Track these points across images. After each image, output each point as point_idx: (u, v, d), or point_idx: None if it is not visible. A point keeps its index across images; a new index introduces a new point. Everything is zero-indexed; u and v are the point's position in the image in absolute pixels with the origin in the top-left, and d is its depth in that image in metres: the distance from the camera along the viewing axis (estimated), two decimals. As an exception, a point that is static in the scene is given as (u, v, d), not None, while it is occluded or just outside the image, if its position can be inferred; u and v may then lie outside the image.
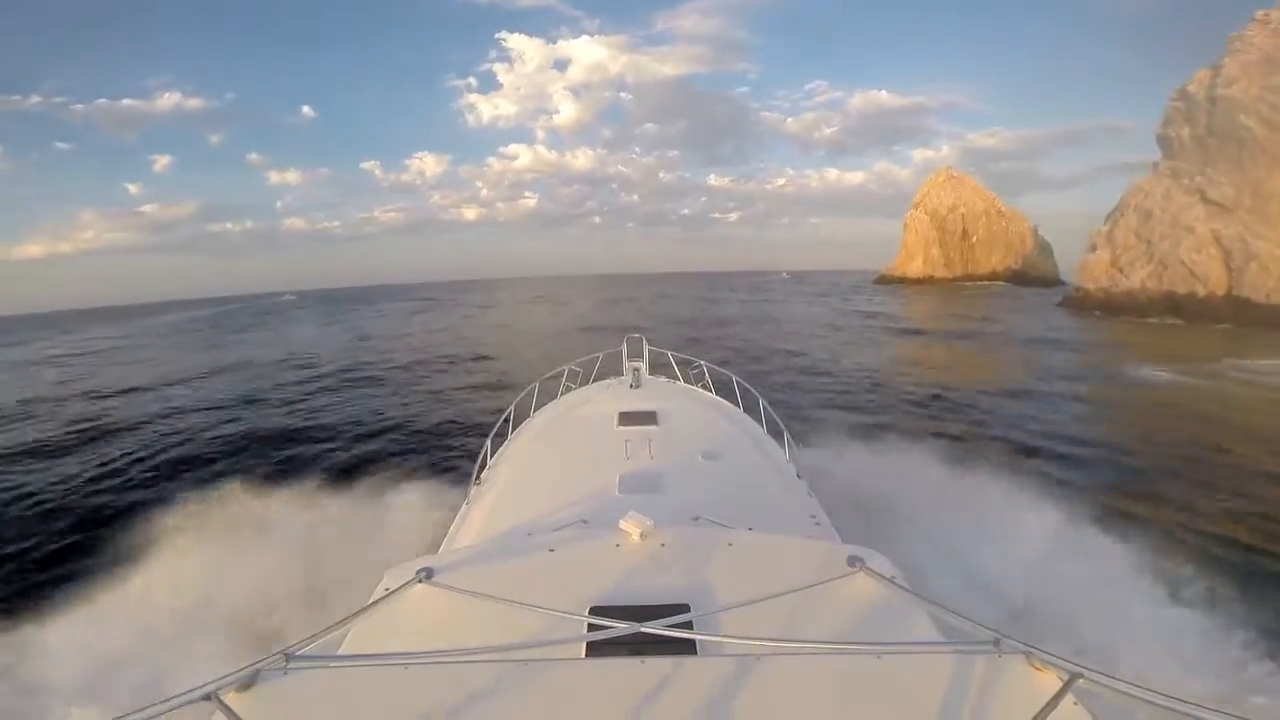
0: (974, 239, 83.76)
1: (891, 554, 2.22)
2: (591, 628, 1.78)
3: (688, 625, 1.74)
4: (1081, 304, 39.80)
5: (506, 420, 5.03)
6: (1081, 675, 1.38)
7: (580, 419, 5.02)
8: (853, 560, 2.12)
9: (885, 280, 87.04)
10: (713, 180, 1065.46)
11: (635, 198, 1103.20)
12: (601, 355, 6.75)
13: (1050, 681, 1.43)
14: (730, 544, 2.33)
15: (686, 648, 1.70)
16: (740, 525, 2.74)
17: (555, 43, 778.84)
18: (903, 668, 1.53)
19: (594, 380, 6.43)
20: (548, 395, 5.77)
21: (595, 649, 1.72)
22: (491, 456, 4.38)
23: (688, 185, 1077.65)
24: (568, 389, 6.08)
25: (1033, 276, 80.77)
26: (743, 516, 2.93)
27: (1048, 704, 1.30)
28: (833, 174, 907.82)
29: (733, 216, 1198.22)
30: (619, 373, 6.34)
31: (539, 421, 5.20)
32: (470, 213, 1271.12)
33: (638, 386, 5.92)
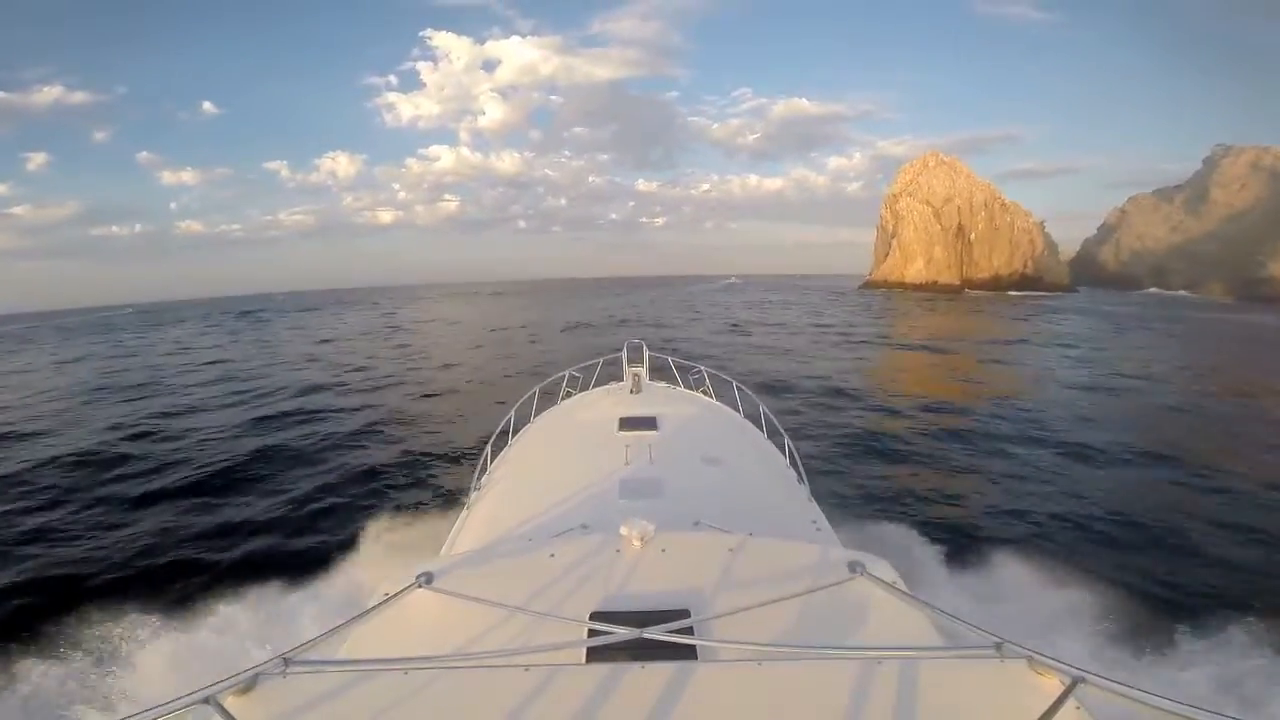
0: (971, 236, 71.87)
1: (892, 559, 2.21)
2: (592, 633, 1.77)
3: (689, 631, 1.75)
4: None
5: (507, 425, 4.95)
6: (1084, 679, 1.36)
7: (580, 424, 4.98)
8: (854, 565, 2.10)
9: (875, 286, 73.15)
10: (641, 185, 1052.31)
11: (563, 201, 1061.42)
12: (601, 361, 6.60)
13: (1053, 686, 1.41)
14: (731, 549, 2.29)
15: (687, 653, 1.67)
16: (741, 530, 2.58)
17: (484, 43, 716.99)
18: (904, 673, 1.50)
19: (594, 385, 6.31)
20: (548, 400, 5.72)
21: (595, 654, 1.69)
22: (491, 461, 4.38)
23: (617, 189, 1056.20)
24: (568, 394, 6.03)
25: (1044, 282, 70.53)
26: (743, 522, 2.81)
27: (1050, 709, 1.29)
28: (753, 179, 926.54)
29: (659, 221, 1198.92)
30: (619, 378, 6.13)
31: (539, 426, 5.19)
32: (386, 215, 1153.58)
33: (638, 391, 5.72)
